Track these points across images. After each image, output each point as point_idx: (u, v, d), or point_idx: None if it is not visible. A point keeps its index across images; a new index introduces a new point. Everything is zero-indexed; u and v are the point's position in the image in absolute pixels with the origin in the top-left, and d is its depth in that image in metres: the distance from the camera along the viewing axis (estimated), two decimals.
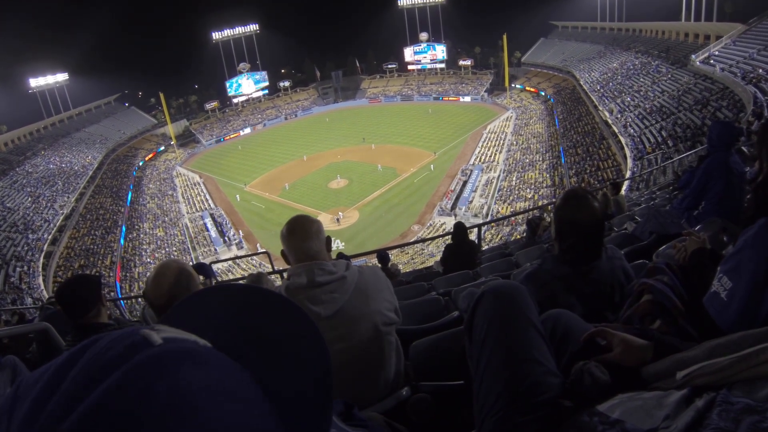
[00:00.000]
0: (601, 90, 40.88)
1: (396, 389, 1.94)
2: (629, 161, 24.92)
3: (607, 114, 34.63)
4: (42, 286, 24.38)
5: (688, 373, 0.99)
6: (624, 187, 16.05)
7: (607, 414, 1.03)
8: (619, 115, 32.70)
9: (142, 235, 36.65)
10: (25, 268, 25.91)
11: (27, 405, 0.42)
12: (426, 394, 1.89)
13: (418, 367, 2.15)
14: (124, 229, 36.82)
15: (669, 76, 34.08)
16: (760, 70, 23.22)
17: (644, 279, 1.74)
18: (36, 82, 62.80)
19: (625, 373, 1.20)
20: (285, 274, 1.98)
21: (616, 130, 30.52)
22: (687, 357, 1.09)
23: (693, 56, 32.62)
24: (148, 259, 31.83)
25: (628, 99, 34.73)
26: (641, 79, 37.43)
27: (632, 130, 28.61)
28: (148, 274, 1.98)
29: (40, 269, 26.86)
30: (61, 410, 0.39)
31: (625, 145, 27.42)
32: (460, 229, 6.68)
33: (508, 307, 1.37)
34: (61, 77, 65.00)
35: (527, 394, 1.19)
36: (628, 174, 22.59)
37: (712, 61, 30.05)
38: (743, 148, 8.05)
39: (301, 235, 1.95)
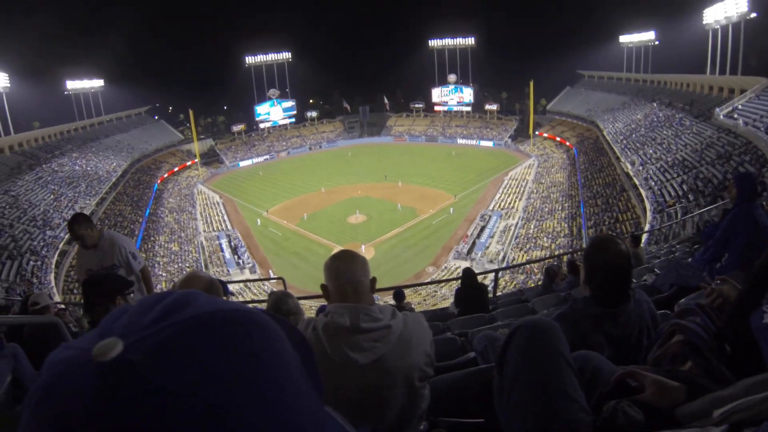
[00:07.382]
0: (624, 141, 40.80)
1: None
2: (648, 214, 24.64)
3: (629, 166, 34.46)
4: (53, 283, 24.43)
5: (727, 410, 1.00)
6: (643, 240, 15.85)
7: None
8: (640, 167, 32.54)
9: (156, 248, 36.94)
10: (39, 263, 26.06)
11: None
12: (444, 430, 1.89)
13: (436, 403, 2.16)
14: (140, 238, 37.16)
15: (692, 129, 33.92)
16: None
17: (675, 319, 1.74)
18: (72, 85, 64.64)
19: (658, 414, 1.21)
20: (322, 313, 1.85)
21: (637, 183, 30.29)
22: (723, 395, 1.09)
23: (717, 110, 32.53)
24: (161, 272, 31.98)
25: (651, 151, 34.59)
26: (664, 131, 37.28)
27: (653, 183, 28.41)
28: (174, 283, 2.02)
29: (53, 266, 26.98)
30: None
31: (645, 198, 27.19)
32: (468, 276, 6.88)
33: (543, 342, 1.38)
34: (97, 83, 66.88)
35: (561, 430, 1.20)
36: (647, 227, 22.33)
37: (735, 115, 29.90)
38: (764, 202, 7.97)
39: (348, 267, 1.84)
